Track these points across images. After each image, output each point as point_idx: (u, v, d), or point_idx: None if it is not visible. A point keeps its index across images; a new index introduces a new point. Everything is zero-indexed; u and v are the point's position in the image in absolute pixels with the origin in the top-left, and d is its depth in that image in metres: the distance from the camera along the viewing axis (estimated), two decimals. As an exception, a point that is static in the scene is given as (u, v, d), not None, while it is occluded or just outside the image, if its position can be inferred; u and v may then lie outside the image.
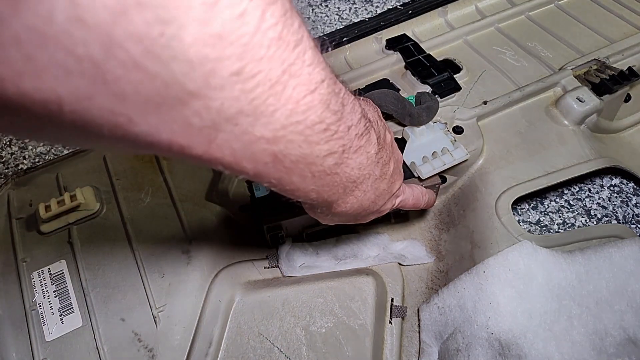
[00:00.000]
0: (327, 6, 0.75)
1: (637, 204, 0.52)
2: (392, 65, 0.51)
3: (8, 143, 0.59)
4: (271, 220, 0.39)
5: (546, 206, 0.52)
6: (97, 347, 0.37)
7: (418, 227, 0.46)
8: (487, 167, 0.43)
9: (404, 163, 0.41)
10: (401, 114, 0.40)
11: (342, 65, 0.52)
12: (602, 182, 0.54)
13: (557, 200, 0.53)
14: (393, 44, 0.52)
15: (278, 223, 0.39)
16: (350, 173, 0.23)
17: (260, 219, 0.39)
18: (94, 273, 0.40)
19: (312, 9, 0.74)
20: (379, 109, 0.30)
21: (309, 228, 0.41)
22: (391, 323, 0.39)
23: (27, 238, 0.43)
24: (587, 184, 0.54)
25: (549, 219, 0.51)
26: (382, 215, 0.42)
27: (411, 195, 0.35)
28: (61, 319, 0.38)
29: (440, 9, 0.56)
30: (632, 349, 0.34)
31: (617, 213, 0.52)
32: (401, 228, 0.46)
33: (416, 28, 0.56)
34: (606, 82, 0.46)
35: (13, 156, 0.58)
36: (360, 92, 0.47)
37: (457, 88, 0.47)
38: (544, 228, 0.51)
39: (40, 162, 0.56)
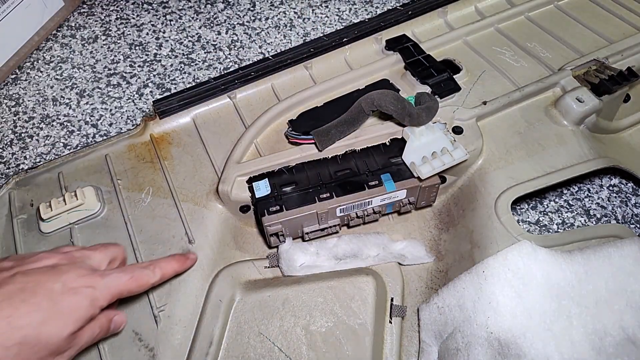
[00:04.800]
0: (327, 7, 0.75)
1: (636, 204, 0.52)
2: (391, 66, 0.51)
3: (9, 143, 0.59)
4: (271, 220, 0.39)
5: (545, 206, 0.52)
6: (97, 347, 0.37)
7: (418, 227, 0.46)
8: (486, 167, 0.44)
9: (404, 163, 0.41)
10: (401, 114, 0.40)
11: (342, 66, 0.53)
12: (602, 182, 0.54)
13: (557, 200, 0.53)
14: (393, 44, 0.52)
15: (278, 223, 0.39)
16: None
17: (260, 219, 0.39)
18: (95, 273, 0.40)
19: (312, 10, 0.74)
20: None
21: (309, 228, 0.42)
22: (391, 322, 0.40)
23: (28, 238, 0.43)
24: (586, 184, 0.54)
25: (548, 219, 0.51)
26: (382, 215, 0.43)
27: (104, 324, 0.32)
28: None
29: (440, 9, 0.56)
30: (631, 349, 0.34)
31: (616, 213, 0.52)
32: (401, 228, 0.46)
33: (416, 29, 0.56)
34: (605, 82, 0.46)
35: (14, 156, 0.58)
36: (360, 93, 0.47)
37: (456, 88, 0.47)
38: (544, 228, 0.51)
39: (41, 162, 0.57)
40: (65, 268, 0.30)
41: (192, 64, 0.68)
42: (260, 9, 0.75)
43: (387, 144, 0.43)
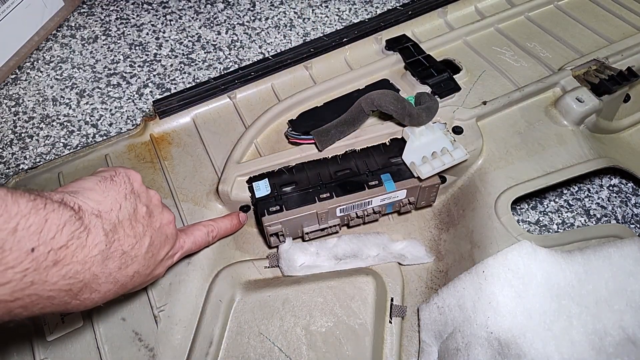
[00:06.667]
0: (327, 7, 0.75)
1: (636, 204, 0.52)
2: (391, 66, 0.51)
3: (9, 143, 0.59)
4: (271, 220, 0.39)
5: (545, 206, 0.53)
6: (97, 347, 0.37)
7: (418, 227, 0.46)
8: (486, 167, 0.44)
9: (404, 163, 0.41)
10: (401, 114, 0.40)
11: (342, 66, 0.53)
12: (602, 182, 0.54)
13: (557, 200, 0.53)
14: (393, 44, 0.52)
15: (278, 223, 0.39)
16: (61, 284, 0.23)
17: (260, 219, 0.39)
18: (95, 273, 0.40)
19: (312, 10, 0.74)
20: (130, 184, 0.28)
21: (309, 228, 0.42)
22: (391, 322, 0.40)
23: (28, 238, 0.43)
24: (586, 184, 0.54)
25: (548, 219, 0.51)
26: (382, 215, 0.43)
27: (192, 244, 0.36)
28: (62, 319, 0.38)
29: (440, 9, 0.56)
30: (631, 349, 0.34)
31: (616, 213, 0.52)
32: (401, 228, 0.46)
33: (416, 29, 0.56)
34: (605, 82, 0.46)
35: (14, 156, 0.58)
36: (360, 93, 0.47)
37: (456, 88, 0.47)
38: (544, 228, 0.51)
39: (41, 162, 0.57)
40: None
41: (192, 64, 0.68)
42: (260, 9, 0.75)
43: (387, 144, 0.43)
